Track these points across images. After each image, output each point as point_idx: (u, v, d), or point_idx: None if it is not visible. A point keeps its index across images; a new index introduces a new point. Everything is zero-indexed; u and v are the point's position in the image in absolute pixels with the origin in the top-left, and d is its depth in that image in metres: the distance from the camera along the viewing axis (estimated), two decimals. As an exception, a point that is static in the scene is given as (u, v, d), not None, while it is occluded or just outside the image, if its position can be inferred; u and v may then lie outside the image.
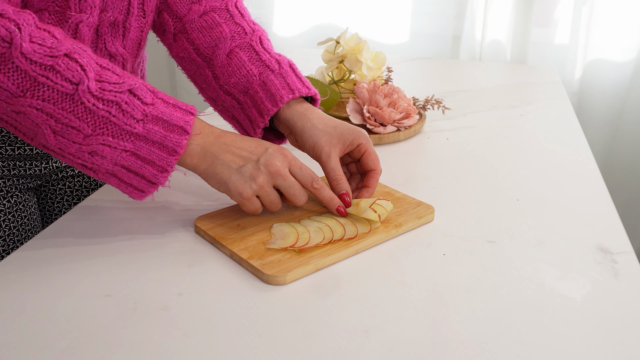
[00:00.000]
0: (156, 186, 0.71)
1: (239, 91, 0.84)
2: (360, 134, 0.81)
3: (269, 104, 0.81)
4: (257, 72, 0.83)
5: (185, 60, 0.89)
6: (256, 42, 0.85)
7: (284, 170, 0.74)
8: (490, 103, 1.30)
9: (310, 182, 0.76)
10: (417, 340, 0.59)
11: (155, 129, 0.69)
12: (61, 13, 0.73)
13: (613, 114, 1.82)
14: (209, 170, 0.73)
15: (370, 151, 0.82)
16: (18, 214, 0.86)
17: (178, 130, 0.70)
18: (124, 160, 0.69)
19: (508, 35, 1.81)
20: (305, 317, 0.62)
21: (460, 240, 0.77)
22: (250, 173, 0.73)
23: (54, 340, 0.58)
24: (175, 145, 0.70)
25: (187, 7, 0.87)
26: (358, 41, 1.19)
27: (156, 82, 2.15)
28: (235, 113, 0.86)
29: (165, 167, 0.70)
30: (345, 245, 0.73)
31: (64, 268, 0.70)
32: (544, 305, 0.64)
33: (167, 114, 0.70)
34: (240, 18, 0.87)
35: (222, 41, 0.85)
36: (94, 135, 0.67)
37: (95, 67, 0.67)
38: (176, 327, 0.60)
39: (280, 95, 0.81)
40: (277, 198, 0.75)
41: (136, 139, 0.68)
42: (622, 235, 0.78)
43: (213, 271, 0.70)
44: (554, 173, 0.97)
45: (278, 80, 0.82)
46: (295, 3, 1.98)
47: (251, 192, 0.73)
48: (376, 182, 0.82)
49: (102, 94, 0.67)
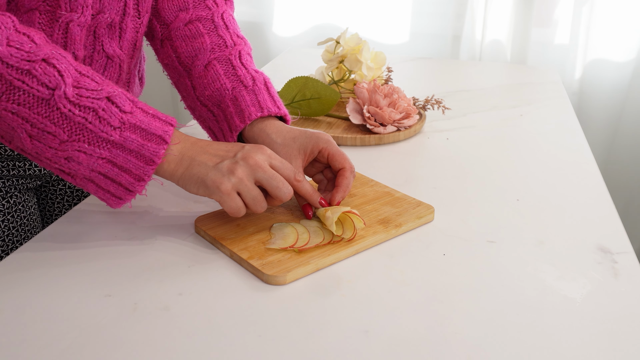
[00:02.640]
0: (133, 194, 0.71)
1: (212, 104, 0.84)
2: (318, 140, 0.79)
3: (237, 120, 0.81)
4: (231, 86, 0.82)
5: (169, 67, 0.89)
6: (235, 56, 0.85)
7: (263, 163, 0.72)
8: (490, 103, 1.30)
9: (292, 175, 0.74)
10: (417, 340, 0.59)
11: (133, 137, 0.68)
12: (52, 12, 0.73)
13: (613, 114, 1.82)
14: (186, 173, 0.71)
15: (333, 152, 0.79)
16: (17, 214, 0.86)
17: (156, 139, 0.69)
18: (101, 167, 0.68)
19: (508, 35, 1.81)
20: (305, 317, 0.62)
21: (460, 240, 0.77)
22: (228, 167, 0.71)
23: (54, 340, 0.58)
24: (153, 154, 0.69)
25: (174, 15, 0.87)
26: (358, 41, 1.19)
27: (156, 84, 2.14)
28: (211, 124, 0.86)
29: (142, 176, 0.69)
30: (345, 245, 0.73)
31: (64, 268, 0.70)
32: (544, 305, 0.64)
33: (145, 123, 0.69)
34: (223, 30, 0.87)
35: (201, 52, 0.85)
36: (70, 141, 0.67)
37: (73, 73, 0.67)
38: (176, 327, 0.60)
39: (249, 112, 0.80)
40: (260, 195, 0.72)
41: (112, 147, 0.68)
42: (622, 235, 0.78)
43: (213, 271, 0.70)
44: (554, 173, 0.97)
45: (249, 97, 0.81)
46: (295, 3, 1.98)
47: (230, 185, 0.70)
48: (347, 180, 0.79)
49: (78, 100, 0.66)
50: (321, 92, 1.11)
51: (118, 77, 0.84)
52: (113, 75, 0.83)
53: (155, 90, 2.17)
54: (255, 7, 2.00)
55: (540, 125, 1.18)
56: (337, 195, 0.78)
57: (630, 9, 1.72)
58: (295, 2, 1.97)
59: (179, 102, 2.19)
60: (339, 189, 0.78)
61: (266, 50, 2.03)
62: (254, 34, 2.02)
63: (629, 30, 1.74)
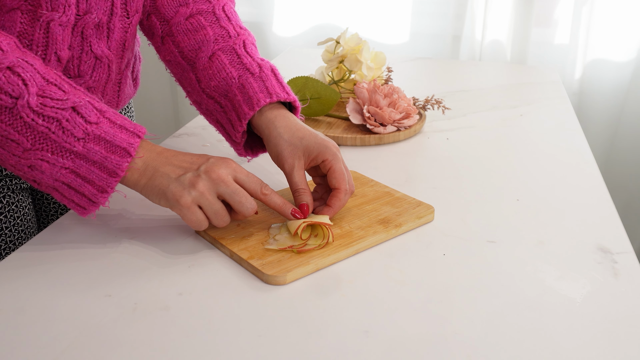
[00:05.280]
0: (97, 205, 0.71)
1: (219, 94, 0.82)
2: (326, 150, 0.76)
3: (245, 107, 0.79)
4: (237, 75, 0.81)
5: (172, 63, 0.88)
6: (239, 45, 0.84)
7: (226, 177, 0.70)
8: (490, 103, 1.30)
9: (258, 189, 0.72)
10: (417, 340, 0.59)
11: (96, 148, 0.68)
12: (33, 12, 0.72)
13: (613, 114, 1.82)
14: (149, 184, 0.71)
15: (335, 168, 0.76)
16: (11, 214, 0.86)
17: (120, 151, 0.69)
18: (64, 177, 0.68)
19: (508, 35, 1.81)
20: (305, 317, 0.62)
21: (460, 240, 0.77)
22: (189, 180, 0.69)
23: (54, 340, 0.58)
24: (116, 167, 0.69)
25: (174, 10, 0.86)
26: (358, 41, 1.19)
27: (156, 85, 2.14)
28: (219, 117, 0.84)
29: (104, 187, 0.69)
30: (345, 245, 0.73)
31: (64, 268, 0.70)
32: (544, 305, 0.64)
33: (110, 134, 0.69)
34: (226, 21, 0.86)
35: (205, 44, 0.84)
36: (33, 150, 0.67)
37: (39, 82, 0.67)
38: (176, 327, 0.60)
39: (258, 98, 0.78)
40: (222, 209, 0.71)
41: (76, 157, 0.68)
42: (622, 235, 0.78)
43: (213, 271, 0.70)
44: (554, 173, 0.97)
45: (257, 84, 0.80)
46: (295, 3, 1.98)
47: (190, 199, 0.69)
48: (340, 202, 0.76)
49: (42, 110, 0.66)
50: (321, 92, 1.11)
51: (107, 78, 0.84)
52: (102, 76, 0.82)
53: (154, 90, 2.17)
54: (255, 7, 2.00)
55: (540, 125, 1.18)
56: (326, 213, 0.76)
57: (630, 9, 1.72)
58: (295, 2, 1.97)
59: (179, 102, 2.19)
60: (328, 209, 0.76)
61: (266, 50, 2.03)
62: (254, 34, 2.01)
63: (629, 30, 1.74)
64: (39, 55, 0.74)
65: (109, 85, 0.85)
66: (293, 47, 1.83)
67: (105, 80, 0.83)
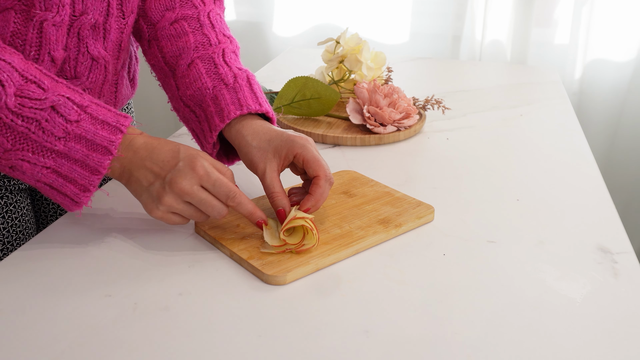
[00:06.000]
0: (79, 205, 0.71)
1: (194, 104, 0.82)
2: (294, 144, 0.75)
3: (217, 119, 0.78)
4: (212, 85, 0.80)
5: (156, 68, 0.87)
6: (218, 54, 0.83)
7: (190, 188, 0.69)
8: (490, 103, 1.30)
9: (225, 198, 0.71)
10: (417, 340, 0.59)
11: (77, 147, 0.68)
12: (27, 12, 0.72)
13: (613, 114, 1.82)
14: (127, 186, 0.72)
15: (308, 158, 0.75)
16: (9, 215, 0.86)
17: (101, 149, 0.69)
18: (45, 177, 0.68)
19: (508, 35, 1.81)
20: (305, 317, 0.62)
21: (460, 240, 0.77)
22: (157, 193, 0.70)
23: (54, 340, 0.58)
24: (98, 164, 0.69)
25: (160, 14, 0.85)
26: (358, 41, 1.19)
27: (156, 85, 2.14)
28: (194, 125, 0.83)
29: (87, 186, 0.69)
30: (345, 245, 0.73)
31: (64, 268, 0.70)
32: (544, 305, 0.64)
33: (91, 133, 0.68)
34: (209, 29, 0.85)
35: (185, 51, 0.83)
36: (14, 150, 0.67)
37: (17, 81, 0.66)
38: (176, 327, 0.60)
39: (229, 110, 0.78)
40: (196, 211, 0.71)
41: (57, 156, 0.67)
42: (622, 235, 0.78)
43: (213, 271, 0.70)
44: (554, 173, 0.97)
45: (229, 95, 0.79)
46: (295, 3, 1.98)
47: (160, 213, 0.70)
48: (321, 189, 0.74)
49: (20, 110, 0.66)
50: (321, 92, 1.11)
51: (104, 79, 0.83)
52: (99, 77, 0.82)
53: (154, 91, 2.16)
54: (255, 7, 2.00)
55: (540, 125, 1.18)
56: (307, 203, 0.74)
57: (630, 9, 1.72)
58: (295, 2, 1.97)
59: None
60: (310, 197, 0.74)
61: (266, 50, 2.03)
62: (254, 34, 2.02)
63: (629, 30, 1.74)
64: (32, 56, 0.74)
65: (105, 86, 0.85)
66: (293, 47, 1.83)
67: (102, 81, 0.83)
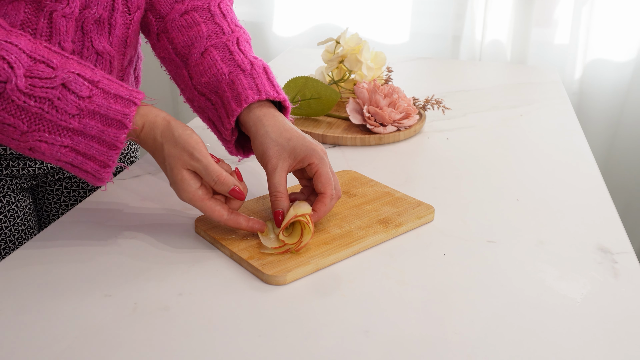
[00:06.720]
0: (103, 181, 0.71)
1: (210, 91, 0.81)
2: (313, 153, 0.74)
3: (234, 104, 0.77)
4: (228, 71, 0.80)
5: (166, 60, 0.87)
6: (233, 42, 0.82)
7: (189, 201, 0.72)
8: (490, 103, 1.30)
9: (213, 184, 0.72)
10: (417, 340, 0.59)
11: (92, 123, 0.68)
12: (38, 2, 0.72)
13: (613, 114, 1.82)
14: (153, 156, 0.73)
15: (321, 172, 0.74)
16: (11, 214, 0.86)
17: (116, 123, 0.69)
18: (64, 156, 0.68)
19: (508, 35, 1.81)
20: (305, 317, 0.62)
21: (460, 240, 0.77)
22: None
23: (54, 340, 0.58)
24: (114, 139, 0.69)
25: (169, 7, 0.85)
26: (358, 41, 1.19)
27: (156, 84, 2.14)
28: (210, 114, 0.83)
29: (106, 161, 0.69)
30: (345, 245, 0.73)
31: (64, 268, 0.70)
32: (544, 305, 0.64)
33: (104, 107, 0.68)
34: (220, 18, 0.85)
35: (198, 40, 0.83)
36: (30, 132, 0.67)
37: (25, 62, 0.66)
38: (176, 327, 0.60)
39: (246, 95, 0.77)
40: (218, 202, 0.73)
41: (73, 134, 0.67)
42: (622, 235, 0.78)
43: (213, 271, 0.70)
44: (554, 173, 0.97)
45: (247, 81, 0.78)
46: (295, 3, 1.98)
47: None
48: (325, 207, 0.75)
49: (32, 91, 0.66)
50: (321, 92, 1.11)
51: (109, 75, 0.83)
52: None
53: (154, 90, 2.16)
54: (255, 7, 2.00)
55: (540, 125, 1.18)
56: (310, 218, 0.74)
57: (630, 9, 1.72)
58: (295, 2, 1.97)
59: (178, 102, 2.19)
60: (313, 214, 0.74)
61: (266, 50, 2.03)
62: (254, 34, 2.01)
63: (629, 30, 1.74)
64: None
65: None
66: (293, 47, 1.83)
67: None
